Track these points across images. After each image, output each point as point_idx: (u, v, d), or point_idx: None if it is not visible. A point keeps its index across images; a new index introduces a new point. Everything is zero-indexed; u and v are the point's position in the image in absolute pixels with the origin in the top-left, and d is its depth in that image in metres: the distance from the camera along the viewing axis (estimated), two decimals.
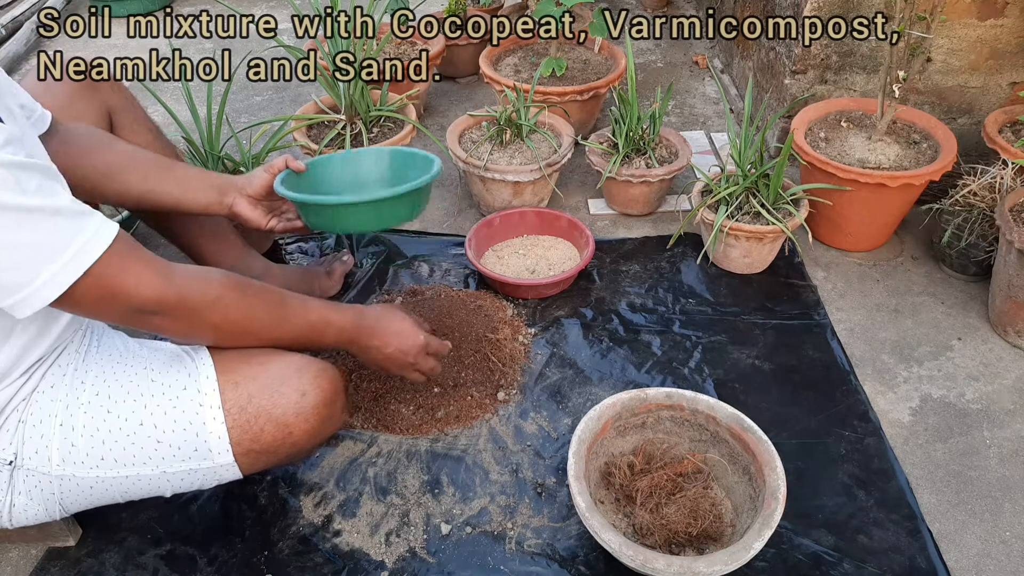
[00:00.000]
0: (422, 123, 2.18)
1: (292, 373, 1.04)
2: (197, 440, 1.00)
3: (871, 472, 1.30)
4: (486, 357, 1.46)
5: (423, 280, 1.70)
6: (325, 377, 1.06)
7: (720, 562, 1.01)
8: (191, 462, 1.02)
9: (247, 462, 1.04)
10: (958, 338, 1.55)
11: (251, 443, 1.02)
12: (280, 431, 1.02)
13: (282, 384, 1.03)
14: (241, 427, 1.01)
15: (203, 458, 1.02)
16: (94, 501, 1.07)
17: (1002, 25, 1.76)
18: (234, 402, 1.01)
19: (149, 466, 1.02)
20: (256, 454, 1.04)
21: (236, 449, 1.02)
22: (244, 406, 1.01)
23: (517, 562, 1.18)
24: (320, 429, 1.06)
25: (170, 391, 1.02)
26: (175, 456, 1.01)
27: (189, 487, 1.07)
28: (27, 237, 0.80)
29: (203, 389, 1.01)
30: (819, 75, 1.88)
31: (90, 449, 1.00)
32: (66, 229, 0.83)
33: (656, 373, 1.48)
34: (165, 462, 1.02)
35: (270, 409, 1.01)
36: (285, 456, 1.07)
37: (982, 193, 1.57)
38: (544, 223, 1.77)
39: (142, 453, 1.01)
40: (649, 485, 1.17)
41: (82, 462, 1.00)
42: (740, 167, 1.65)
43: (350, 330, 1.15)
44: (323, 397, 1.04)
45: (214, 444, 1.01)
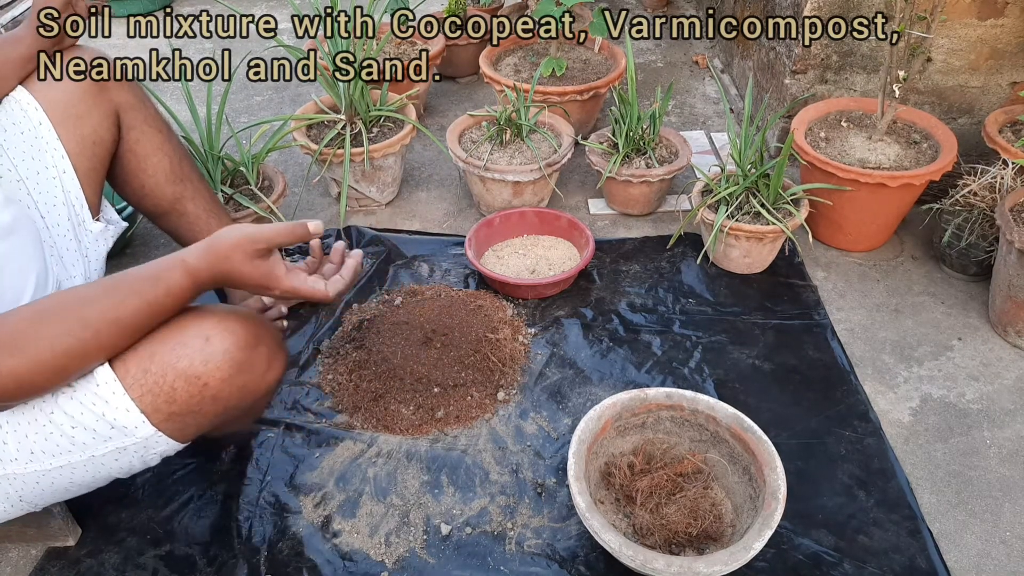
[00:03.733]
0: (422, 123, 2.18)
1: (193, 321, 0.95)
2: (107, 419, 0.94)
3: (871, 472, 1.29)
4: (486, 357, 1.46)
5: (423, 280, 1.70)
6: (234, 319, 0.97)
7: (720, 562, 1.01)
8: (113, 441, 0.96)
9: (175, 428, 0.97)
10: (958, 338, 1.55)
11: (167, 405, 0.95)
12: (191, 385, 0.94)
13: (183, 333, 0.94)
14: (152, 391, 0.94)
15: (124, 435, 0.96)
16: (54, 494, 1.03)
17: (1002, 25, 1.76)
18: (137, 365, 0.94)
19: (75, 453, 0.97)
20: (179, 417, 0.96)
21: (154, 417, 0.95)
22: (147, 367, 0.94)
23: (517, 562, 1.18)
24: (238, 378, 0.96)
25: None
26: (95, 439, 0.96)
27: (132, 467, 1.01)
28: None
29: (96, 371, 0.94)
30: (819, 75, 1.88)
31: (18, 444, 0.97)
32: None
33: (656, 373, 1.48)
34: (88, 447, 0.97)
35: (174, 363, 0.93)
36: (214, 415, 0.98)
37: (982, 193, 1.57)
38: (544, 223, 1.77)
39: (64, 442, 0.96)
40: (649, 485, 1.17)
41: (15, 459, 0.97)
42: (740, 167, 1.65)
43: (191, 288, 0.96)
44: (233, 340, 0.95)
45: (125, 420, 0.94)
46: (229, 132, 1.74)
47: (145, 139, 1.33)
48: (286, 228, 0.96)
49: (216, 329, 0.95)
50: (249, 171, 1.71)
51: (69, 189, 1.21)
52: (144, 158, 1.33)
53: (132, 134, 1.31)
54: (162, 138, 1.35)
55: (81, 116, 1.23)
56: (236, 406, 1.00)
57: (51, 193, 1.20)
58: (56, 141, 1.20)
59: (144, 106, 1.34)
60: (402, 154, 1.90)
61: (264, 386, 1.01)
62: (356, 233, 1.81)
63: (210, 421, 0.99)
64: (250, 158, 1.71)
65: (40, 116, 1.20)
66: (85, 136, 1.23)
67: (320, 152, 1.78)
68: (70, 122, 1.22)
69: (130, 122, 1.31)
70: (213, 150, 1.66)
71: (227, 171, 1.71)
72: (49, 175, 1.19)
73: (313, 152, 1.79)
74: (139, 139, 1.32)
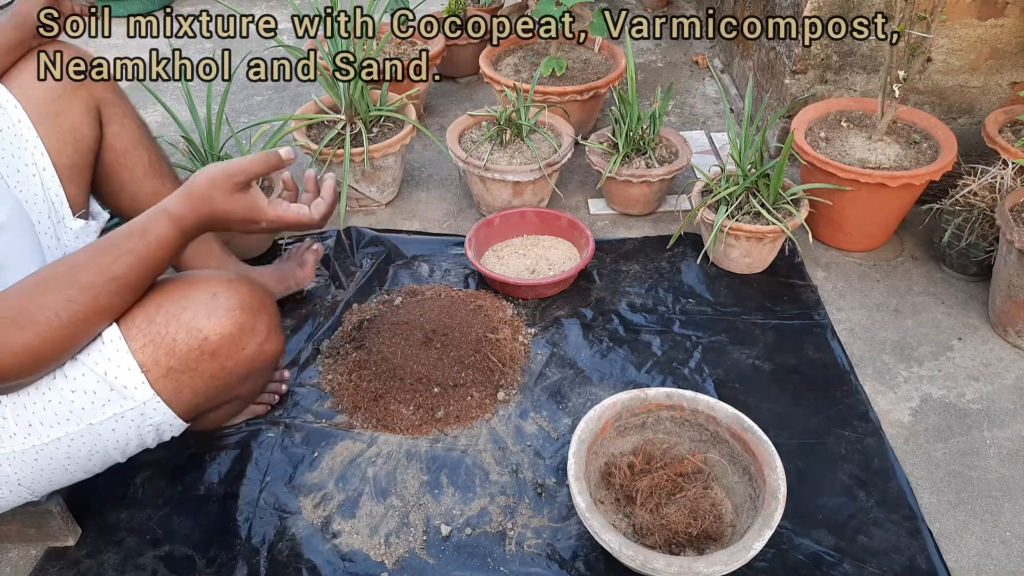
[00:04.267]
0: (422, 123, 2.18)
1: (203, 278, 0.98)
2: (108, 378, 0.95)
3: (871, 472, 1.29)
4: (486, 357, 1.46)
5: (423, 280, 1.70)
6: (242, 282, 1.00)
7: (720, 562, 1.00)
8: (111, 406, 0.97)
9: (171, 388, 0.97)
10: (958, 338, 1.55)
11: (167, 358, 0.95)
12: (193, 336, 0.95)
13: (191, 287, 0.97)
14: (153, 340, 0.95)
15: (121, 397, 0.96)
16: (51, 476, 1.03)
17: (1002, 25, 1.75)
18: (142, 316, 0.95)
19: (73, 421, 0.97)
20: (177, 373, 0.96)
21: (152, 374, 0.95)
22: (152, 316, 0.95)
23: (517, 563, 1.18)
24: (240, 337, 0.98)
25: None
26: (93, 403, 0.96)
27: (129, 443, 1.02)
28: None
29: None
30: (819, 75, 1.88)
31: (16, 418, 0.97)
32: None
33: (656, 373, 1.48)
34: (86, 413, 0.97)
35: (179, 313, 0.95)
36: (211, 377, 0.99)
37: (982, 193, 1.57)
38: (544, 223, 1.77)
39: (62, 408, 0.97)
40: (649, 485, 1.17)
41: (14, 435, 0.98)
42: (740, 167, 1.65)
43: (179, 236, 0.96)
44: (238, 299, 0.97)
45: (125, 378, 0.95)
46: (229, 132, 1.74)
47: (125, 132, 1.32)
48: (260, 157, 0.97)
49: (223, 288, 0.97)
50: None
51: (49, 186, 1.20)
52: (123, 152, 1.33)
53: (111, 128, 1.31)
54: (141, 133, 1.36)
55: (61, 112, 1.23)
56: (232, 371, 1.00)
57: (31, 191, 1.19)
58: (36, 138, 1.19)
59: (123, 102, 1.34)
60: (402, 154, 1.90)
61: (262, 357, 1.02)
62: (356, 233, 1.81)
63: (206, 386, 0.99)
64: None
65: (19, 113, 1.19)
66: (64, 132, 1.23)
67: (320, 152, 1.78)
68: (49, 119, 1.21)
69: (109, 116, 1.31)
70: (213, 150, 1.66)
71: None
72: (28, 172, 1.19)
73: (313, 152, 1.79)
74: (118, 133, 1.31)
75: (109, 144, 1.32)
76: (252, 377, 1.06)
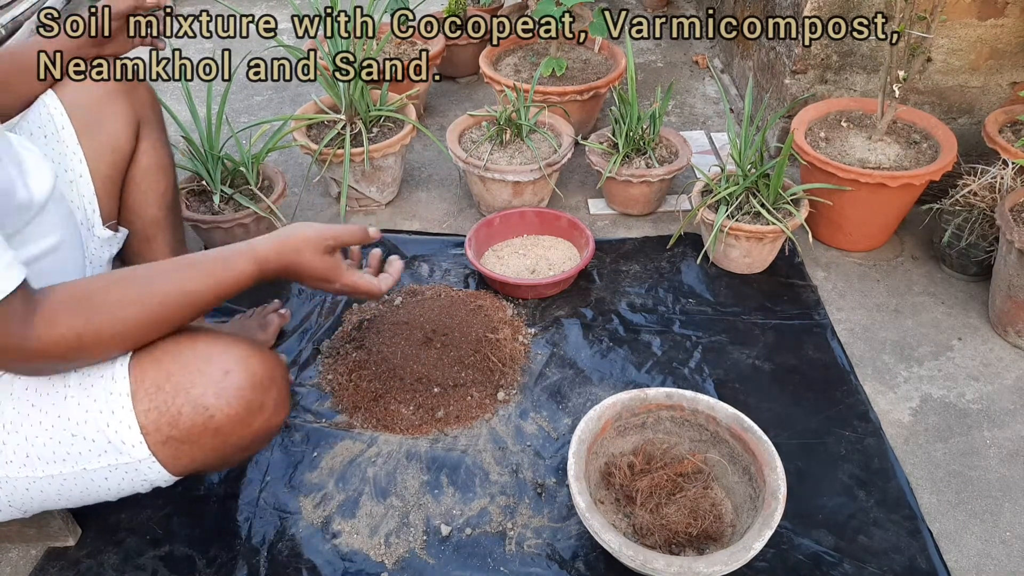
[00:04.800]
0: (422, 123, 2.18)
1: (218, 351, 0.96)
2: (108, 431, 0.94)
3: (871, 472, 1.29)
4: (486, 357, 1.46)
5: (423, 280, 1.70)
6: (257, 359, 0.97)
7: (720, 562, 1.00)
8: (107, 457, 0.96)
9: (169, 454, 0.96)
10: (958, 338, 1.55)
11: (168, 428, 0.94)
12: (199, 414, 0.94)
13: (205, 362, 0.95)
14: (158, 407, 0.94)
15: (118, 452, 0.96)
16: (42, 503, 1.03)
17: (1002, 25, 1.76)
18: (152, 380, 0.94)
19: (69, 463, 0.97)
20: (176, 443, 0.95)
21: (152, 438, 0.94)
22: (161, 384, 0.94)
23: (517, 563, 1.18)
24: (245, 416, 0.96)
25: (87, 380, 0.96)
26: (91, 451, 0.96)
27: (121, 490, 1.01)
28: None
29: (116, 376, 0.95)
30: (819, 75, 1.88)
31: (16, 446, 0.96)
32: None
33: (656, 373, 1.48)
34: (83, 458, 0.96)
35: (188, 388, 0.93)
36: (211, 450, 0.97)
37: (982, 193, 1.57)
38: (544, 223, 1.77)
39: (60, 449, 0.96)
40: (649, 485, 1.17)
41: (10, 461, 0.97)
42: (740, 167, 1.65)
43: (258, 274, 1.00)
44: (251, 379, 0.95)
45: (125, 435, 0.94)
46: (229, 132, 1.74)
47: (154, 154, 1.33)
48: (353, 229, 1.06)
49: (237, 366, 0.95)
50: (249, 171, 1.71)
51: (83, 193, 1.22)
52: (145, 171, 1.33)
53: (144, 144, 1.32)
54: (168, 162, 1.36)
55: (103, 121, 1.24)
56: (235, 444, 0.99)
57: (68, 197, 1.20)
58: (76, 145, 1.21)
59: (161, 127, 1.36)
60: (402, 154, 1.90)
61: (267, 429, 1.01)
62: None
63: (205, 456, 0.99)
64: (250, 158, 1.71)
65: (64, 120, 1.20)
66: (104, 141, 1.24)
67: (320, 152, 1.78)
68: (92, 127, 1.22)
69: (145, 135, 1.32)
70: (213, 150, 1.66)
71: (227, 171, 1.71)
72: (67, 179, 1.20)
73: (313, 152, 1.79)
74: (148, 151, 1.32)
75: (136, 159, 1.32)
76: (254, 447, 1.06)
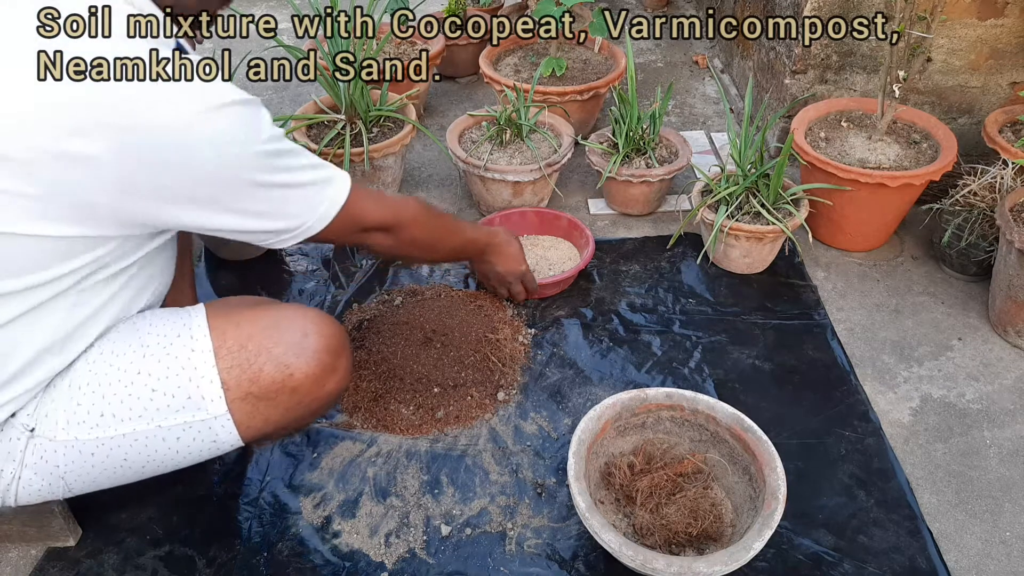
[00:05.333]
0: (422, 123, 2.18)
1: (295, 315, 1.05)
2: (189, 386, 0.99)
3: (871, 472, 1.29)
4: (486, 357, 1.46)
5: (423, 280, 1.70)
6: (328, 323, 1.07)
7: (720, 562, 1.00)
8: (184, 413, 1.00)
9: (245, 412, 1.02)
10: (958, 338, 1.55)
11: (249, 384, 1.00)
12: (280, 371, 1.01)
13: (285, 324, 1.03)
14: (240, 365, 1.00)
15: (196, 407, 1.00)
16: (97, 477, 1.04)
17: (1002, 25, 1.75)
18: (235, 340, 1.01)
19: (144, 419, 1.00)
20: (254, 400, 1.01)
21: (232, 394, 1.00)
22: (244, 343, 1.01)
23: (517, 563, 1.18)
24: (321, 377, 1.04)
25: (165, 340, 1.01)
26: (169, 406, 0.99)
27: (188, 453, 1.04)
28: (299, 197, 1.04)
29: (195, 335, 1.01)
30: (819, 75, 1.88)
31: (91, 406, 0.99)
32: (323, 186, 1.07)
33: (656, 373, 1.48)
34: (160, 414, 1.00)
35: (271, 347, 1.01)
36: (285, 409, 1.04)
37: (982, 193, 1.57)
38: (544, 223, 1.77)
39: (138, 404, 0.99)
40: (649, 485, 1.17)
41: (83, 421, 0.99)
42: (740, 167, 1.65)
43: (483, 246, 1.48)
44: (326, 343, 1.04)
45: (206, 389, 0.99)
46: None
47: None
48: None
49: (314, 329, 1.04)
50: None
51: None
52: None
53: None
54: None
55: None
56: (307, 406, 1.06)
57: None
58: None
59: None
60: (402, 154, 1.90)
61: (336, 391, 1.09)
62: None
63: (279, 416, 1.04)
64: None
65: None
66: None
67: (320, 152, 1.78)
68: None
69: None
70: None
71: None
72: None
73: (313, 152, 1.78)
74: None
75: None
76: (320, 410, 1.11)
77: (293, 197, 1.03)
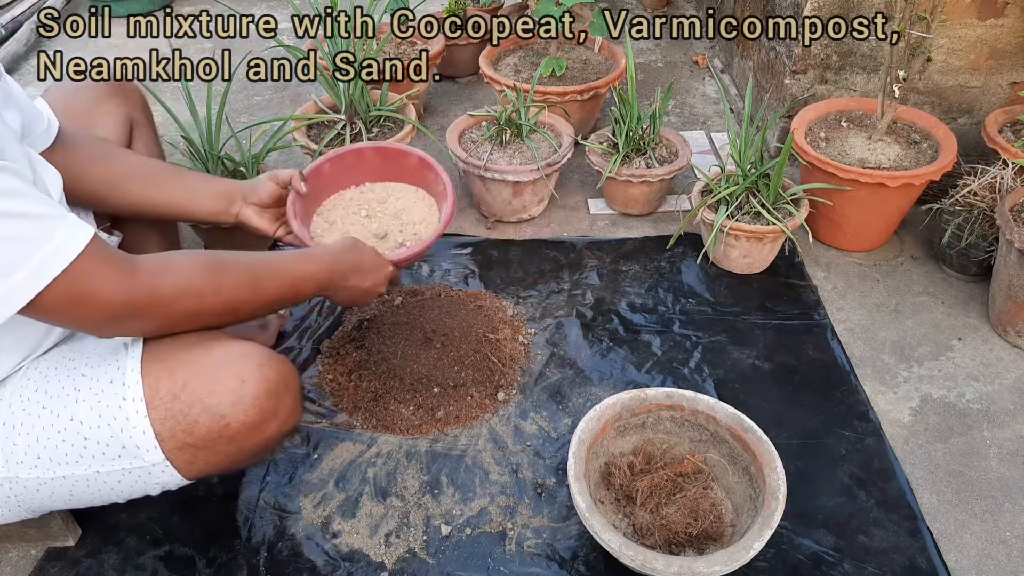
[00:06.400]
0: (422, 123, 2.18)
1: (234, 359, 0.97)
2: (122, 436, 0.95)
3: (871, 472, 1.29)
4: (486, 357, 1.46)
5: (423, 280, 1.70)
6: (271, 366, 0.99)
7: (720, 562, 1.00)
8: (121, 461, 0.97)
9: (184, 460, 0.97)
10: (958, 338, 1.55)
11: (184, 435, 0.95)
12: (215, 422, 0.95)
13: (221, 370, 0.96)
14: (174, 417, 0.95)
15: (132, 456, 0.96)
16: (51, 504, 1.03)
17: (1002, 25, 1.76)
18: (168, 390, 0.95)
19: (82, 465, 0.97)
20: (192, 449, 0.96)
21: (167, 444, 0.96)
22: (177, 393, 0.95)
23: (517, 563, 1.18)
24: (260, 424, 0.98)
25: (97, 385, 0.97)
26: (104, 455, 0.97)
27: (132, 492, 1.02)
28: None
29: (127, 382, 0.96)
30: (819, 75, 1.88)
31: (27, 448, 0.97)
32: (35, 235, 0.82)
33: (656, 373, 1.48)
34: (96, 461, 0.97)
35: (205, 397, 0.94)
36: (225, 455, 0.99)
37: (982, 193, 1.57)
38: (389, 165, 1.45)
39: (73, 451, 0.97)
40: (649, 485, 1.17)
41: (21, 462, 0.97)
42: (740, 167, 1.65)
43: (325, 279, 1.14)
44: (266, 387, 0.97)
45: (139, 440, 0.95)
46: (229, 132, 1.74)
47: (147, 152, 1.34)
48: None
49: (253, 374, 0.97)
50: (249, 171, 1.71)
51: None
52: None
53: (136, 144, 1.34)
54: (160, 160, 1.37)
55: (94, 125, 1.24)
56: (249, 450, 1.01)
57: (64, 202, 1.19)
58: None
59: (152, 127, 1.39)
60: None
61: (280, 434, 1.03)
62: None
63: (219, 461, 1.00)
64: (250, 158, 1.71)
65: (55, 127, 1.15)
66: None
67: (320, 152, 1.78)
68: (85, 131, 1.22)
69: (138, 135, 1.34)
70: (213, 150, 1.66)
71: (227, 171, 1.71)
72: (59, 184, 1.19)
73: (313, 152, 1.78)
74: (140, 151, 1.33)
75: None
76: (267, 451, 1.07)
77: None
